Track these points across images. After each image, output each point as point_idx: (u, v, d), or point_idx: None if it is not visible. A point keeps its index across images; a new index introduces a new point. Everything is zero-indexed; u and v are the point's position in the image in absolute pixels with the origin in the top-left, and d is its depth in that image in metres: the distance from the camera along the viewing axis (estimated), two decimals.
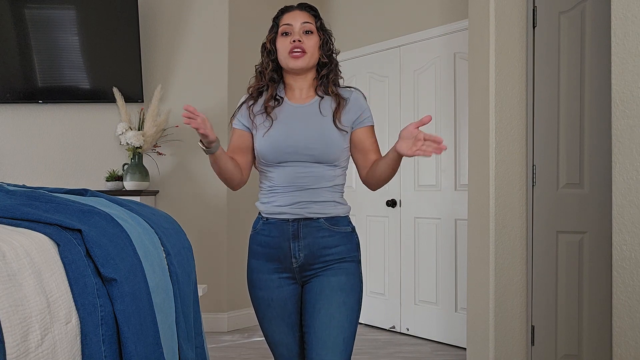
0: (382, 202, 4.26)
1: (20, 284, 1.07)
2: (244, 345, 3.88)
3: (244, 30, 4.36)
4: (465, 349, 3.63)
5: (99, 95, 4.19)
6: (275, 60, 1.81)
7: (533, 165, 2.96)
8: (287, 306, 1.77)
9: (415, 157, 2.00)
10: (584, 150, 2.79)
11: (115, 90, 4.02)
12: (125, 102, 4.07)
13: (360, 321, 3.57)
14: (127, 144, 3.95)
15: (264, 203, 1.79)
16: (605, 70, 2.56)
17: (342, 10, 4.63)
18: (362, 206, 4.40)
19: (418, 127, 1.57)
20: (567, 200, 2.85)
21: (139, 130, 4.06)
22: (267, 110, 1.78)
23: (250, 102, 1.83)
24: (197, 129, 1.60)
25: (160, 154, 4.17)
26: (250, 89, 1.85)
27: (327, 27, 1.86)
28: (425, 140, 1.56)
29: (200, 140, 1.66)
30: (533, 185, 2.96)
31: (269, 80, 1.81)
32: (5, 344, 0.99)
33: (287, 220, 1.74)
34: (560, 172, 2.88)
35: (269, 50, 1.82)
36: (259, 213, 1.81)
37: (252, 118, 1.80)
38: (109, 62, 4.16)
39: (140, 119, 4.10)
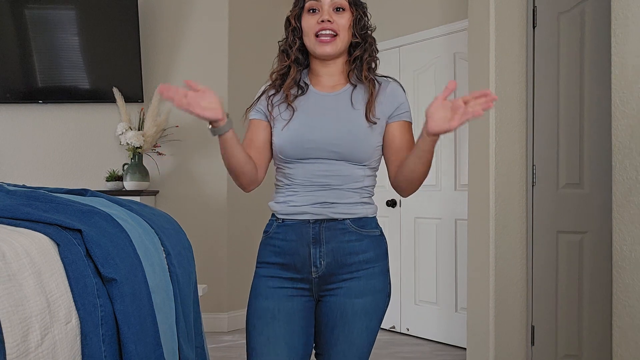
0: (382, 202, 4.26)
1: (21, 284, 1.07)
2: (244, 346, 3.87)
3: (244, 30, 4.36)
4: (465, 349, 3.63)
5: (99, 95, 4.19)
6: (302, 39, 1.54)
7: (533, 165, 2.95)
8: (294, 322, 1.49)
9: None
10: (584, 150, 2.79)
11: (115, 90, 4.01)
12: (125, 102, 4.07)
13: None
14: (127, 144, 3.95)
15: (279, 202, 1.53)
16: (605, 70, 2.56)
17: None
18: None
19: (446, 98, 1.32)
20: (567, 200, 2.85)
21: (139, 130, 4.06)
22: (287, 98, 1.52)
23: (271, 92, 1.56)
24: (180, 105, 1.28)
25: (160, 154, 4.17)
26: (273, 74, 1.58)
27: None
28: (466, 103, 1.28)
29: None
30: (533, 185, 2.96)
31: (294, 62, 1.55)
32: (5, 344, 0.99)
33: (308, 221, 1.48)
34: (560, 172, 2.87)
35: (294, 27, 1.54)
36: (272, 215, 1.55)
37: (270, 110, 1.54)
38: (109, 62, 4.15)
39: (140, 119, 4.10)
